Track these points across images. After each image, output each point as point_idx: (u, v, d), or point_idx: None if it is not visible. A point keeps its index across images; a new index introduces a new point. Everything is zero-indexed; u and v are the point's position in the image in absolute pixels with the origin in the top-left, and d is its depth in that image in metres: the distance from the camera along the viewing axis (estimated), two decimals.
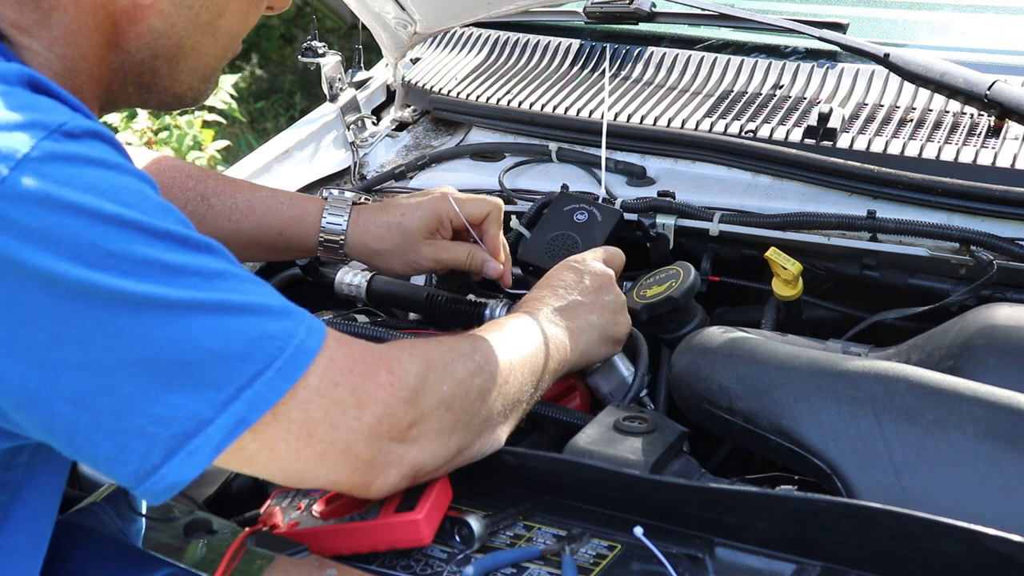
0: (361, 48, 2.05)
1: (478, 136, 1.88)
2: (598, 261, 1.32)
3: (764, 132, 1.65)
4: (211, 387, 0.86)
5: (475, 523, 1.03)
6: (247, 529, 1.02)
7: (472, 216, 1.42)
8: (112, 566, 1.04)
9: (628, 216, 1.55)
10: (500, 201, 1.45)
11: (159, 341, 0.84)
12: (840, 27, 1.72)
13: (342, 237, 1.42)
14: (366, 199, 1.51)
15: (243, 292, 0.89)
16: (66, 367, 0.82)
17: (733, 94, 1.76)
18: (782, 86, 1.76)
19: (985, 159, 1.51)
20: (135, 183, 0.87)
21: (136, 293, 0.83)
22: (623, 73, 1.88)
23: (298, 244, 1.44)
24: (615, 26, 1.96)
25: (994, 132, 1.56)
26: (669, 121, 1.72)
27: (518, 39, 2.02)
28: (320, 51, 1.95)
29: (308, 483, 0.97)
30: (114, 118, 3.94)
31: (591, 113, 1.78)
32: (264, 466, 0.92)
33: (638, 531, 1.01)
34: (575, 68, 1.92)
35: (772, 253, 1.37)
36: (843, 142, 1.60)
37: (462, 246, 1.43)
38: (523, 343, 1.15)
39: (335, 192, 1.47)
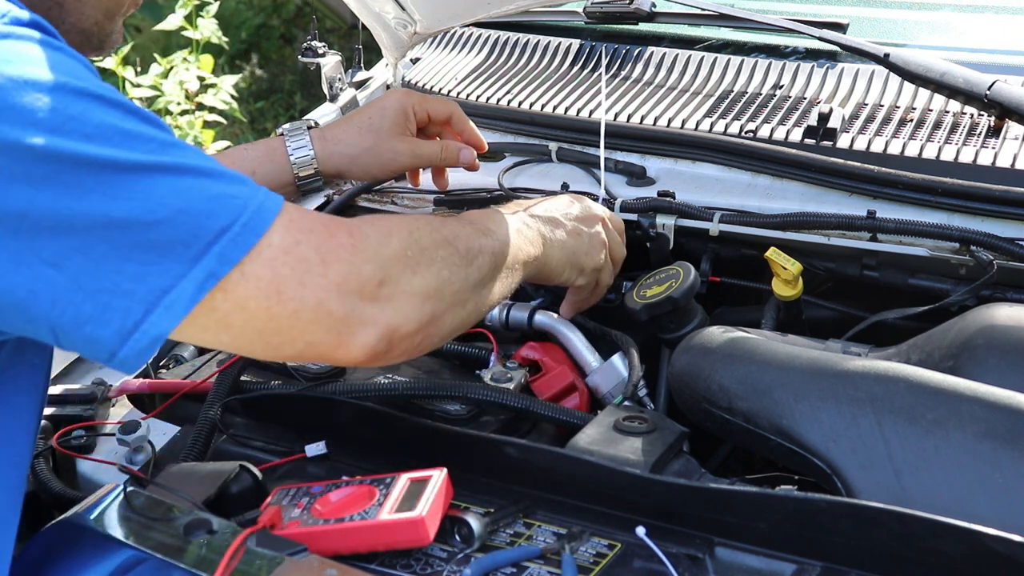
0: (361, 48, 2.04)
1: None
2: (598, 205, 1.38)
3: (764, 132, 1.65)
4: (180, 243, 0.90)
5: (475, 522, 1.03)
6: (247, 529, 1.02)
7: (437, 112, 1.51)
8: (112, 566, 1.04)
9: (628, 216, 1.55)
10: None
11: (125, 201, 0.89)
12: (840, 27, 1.72)
13: (312, 158, 1.49)
14: (315, 122, 1.60)
15: (199, 159, 0.94)
16: (41, 230, 0.87)
17: (733, 94, 1.76)
18: (782, 86, 1.76)
19: (985, 159, 1.51)
20: (82, 63, 0.93)
21: (99, 156, 0.88)
22: (623, 73, 1.88)
23: (274, 182, 1.50)
24: (615, 26, 1.96)
25: (994, 132, 1.56)
26: (669, 121, 1.72)
27: (518, 39, 2.02)
28: (320, 51, 1.95)
29: (286, 349, 1.00)
30: None
31: (591, 113, 1.78)
32: (240, 329, 0.96)
33: (640, 531, 1.01)
34: (575, 68, 1.92)
35: (772, 253, 1.37)
36: (843, 142, 1.60)
37: (434, 143, 1.51)
38: (492, 231, 1.18)
39: (287, 126, 1.56)
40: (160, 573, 1.01)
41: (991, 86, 1.49)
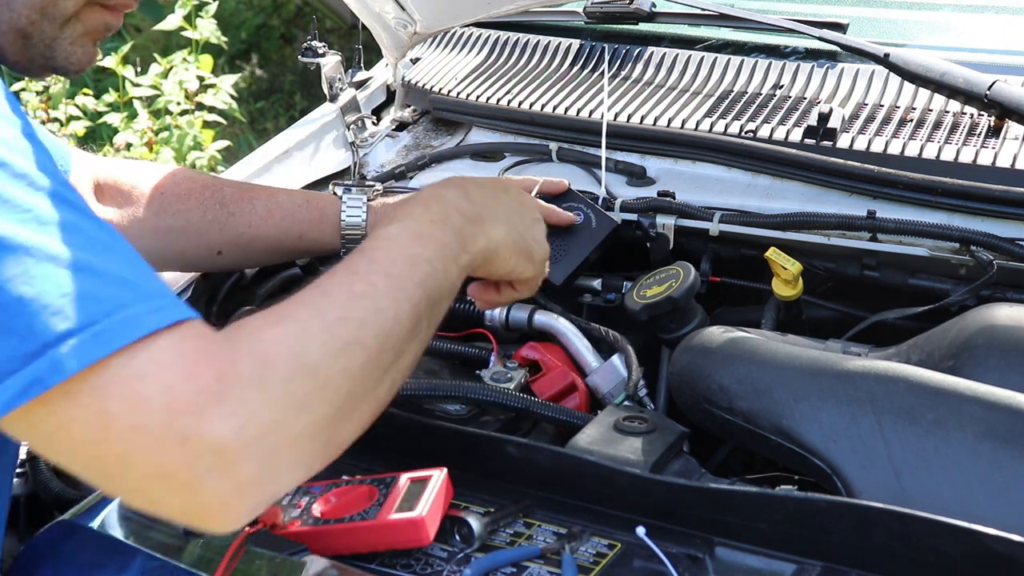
0: (361, 48, 2.04)
1: (478, 136, 1.88)
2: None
3: (764, 132, 1.65)
4: (15, 335, 0.78)
5: (475, 522, 1.03)
6: (247, 529, 1.02)
7: None
8: (112, 566, 1.04)
9: (628, 216, 1.55)
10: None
11: None
12: (840, 27, 1.72)
13: (363, 229, 1.42)
14: (377, 190, 1.54)
15: (83, 249, 0.82)
16: None
17: (733, 94, 1.76)
18: (782, 86, 1.76)
19: (985, 159, 1.51)
20: None
21: None
22: (623, 73, 1.88)
23: (319, 246, 1.45)
24: (615, 26, 1.96)
25: (994, 132, 1.56)
26: (669, 121, 1.72)
27: (518, 39, 2.02)
28: (320, 51, 1.95)
29: (129, 498, 0.86)
30: (114, 118, 3.94)
31: (591, 113, 1.78)
32: (70, 456, 0.82)
33: (640, 531, 1.01)
34: (575, 68, 1.92)
35: (772, 253, 1.37)
36: (843, 142, 1.60)
37: None
38: (417, 261, 1.00)
39: (352, 191, 1.47)
40: (160, 573, 1.01)
41: (991, 86, 1.49)
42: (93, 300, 0.80)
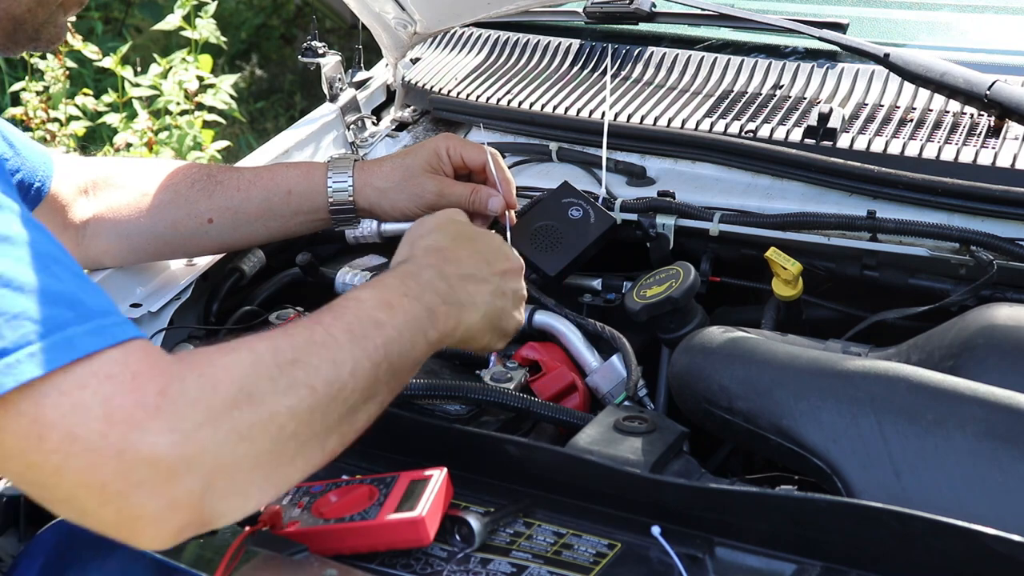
0: (361, 48, 2.04)
1: (478, 136, 1.88)
2: (514, 254, 1.23)
3: (764, 132, 1.65)
4: None
5: (475, 522, 1.03)
6: (247, 529, 1.02)
7: (472, 158, 1.45)
8: (111, 566, 1.04)
9: (628, 216, 1.55)
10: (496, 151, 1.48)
11: None
12: (840, 27, 1.72)
13: (350, 188, 1.45)
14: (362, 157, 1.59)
15: (18, 267, 0.81)
16: None
17: (733, 94, 1.76)
18: (782, 86, 1.76)
19: (985, 159, 1.51)
20: None
21: None
22: (623, 73, 1.88)
23: (308, 204, 1.47)
24: (615, 26, 1.96)
25: (994, 132, 1.56)
26: (669, 121, 1.72)
27: (518, 39, 2.02)
28: (320, 51, 1.95)
29: (57, 508, 0.84)
30: (114, 118, 3.94)
31: (591, 113, 1.78)
32: (2, 464, 0.82)
33: (655, 530, 1.01)
34: (575, 68, 1.92)
35: (772, 253, 1.37)
36: (843, 142, 1.60)
37: (465, 184, 1.46)
38: (383, 324, 0.99)
39: (336, 155, 1.53)
40: (160, 573, 1.01)
41: (991, 86, 1.49)
42: (30, 320, 0.79)
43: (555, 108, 1.81)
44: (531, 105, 1.84)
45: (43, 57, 3.81)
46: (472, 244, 1.17)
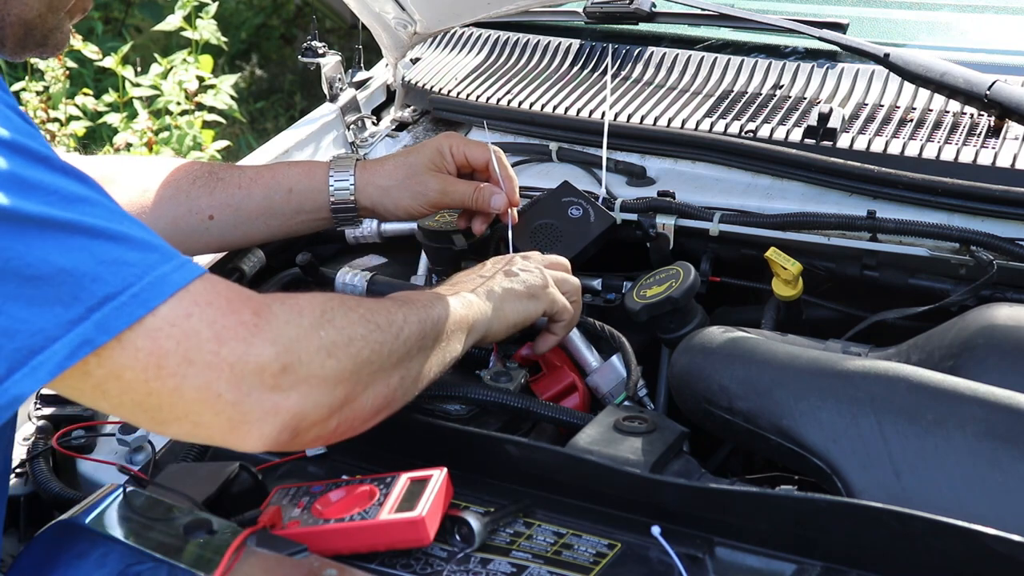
0: (361, 48, 2.04)
1: (479, 136, 1.88)
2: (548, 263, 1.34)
3: (764, 132, 1.65)
4: (59, 303, 0.85)
5: (475, 522, 1.03)
6: (247, 529, 1.02)
7: (475, 156, 1.46)
8: (111, 566, 1.04)
9: (628, 216, 1.55)
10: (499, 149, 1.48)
11: (5, 252, 0.84)
12: (840, 27, 1.72)
13: (351, 187, 1.45)
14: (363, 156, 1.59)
15: (106, 220, 0.89)
16: None
17: (733, 94, 1.76)
18: (782, 86, 1.76)
19: (985, 159, 1.51)
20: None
21: None
22: (623, 73, 1.88)
23: (309, 203, 1.47)
24: (615, 26, 1.96)
25: (994, 132, 1.56)
26: (669, 121, 1.72)
27: (518, 39, 2.02)
28: (320, 51, 1.95)
29: (172, 427, 0.94)
30: (114, 118, 3.94)
31: (591, 113, 1.78)
32: (117, 398, 0.91)
33: (655, 530, 1.01)
34: (575, 68, 1.92)
35: (772, 253, 1.37)
36: (843, 142, 1.60)
37: (468, 183, 1.46)
38: (416, 300, 1.13)
39: (338, 154, 1.52)
40: (160, 573, 1.01)
41: (991, 86, 1.49)
42: (126, 264, 0.88)
43: (555, 108, 1.81)
44: (531, 105, 1.84)
45: (43, 57, 3.81)
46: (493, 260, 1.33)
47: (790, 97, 1.73)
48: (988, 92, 1.49)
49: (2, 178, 0.85)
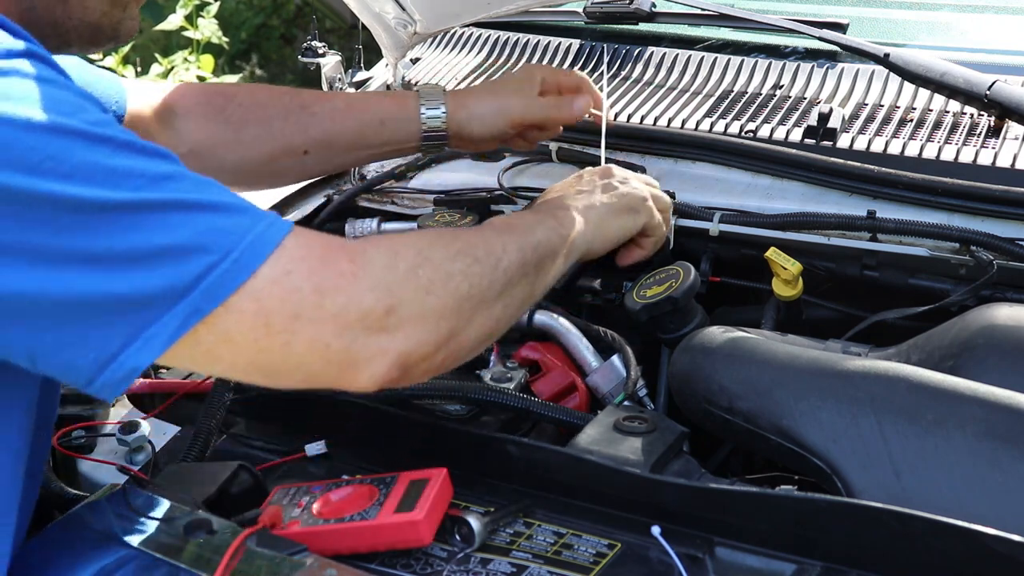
0: (361, 48, 2.04)
1: None
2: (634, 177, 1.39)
3: (764, 132, 1.65)
4: (165, 279, 0.89)
5: (475, 522, 1.03)
6: (247, 529, 1.02)
7: (567, 83, 1.53)
8: (111, 566, 1.04)
9: None
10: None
11: (106, 239, 0.87)
12: (840, 27, 1.72)
13: (443, 115, 1.48)
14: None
15: (194, 191, 0.92)
16: (20, 265, 0.86)
17: (733, 94, 1.76)
18: (782, 86, 1.76)
19: (985, 159, 1.51)
20: (72, 96, 0.91)
21: (78, 196, 0.86)
22: (623, 73, 1.88)
23: (401, 133, 1.50)
24: (615, 26, 1.96)
25: (994, 132, 1.56)
26: (669, 121, 1.72)
27: (518, 39, 2.02)
28: (320, 51, 1.95)
29: (284, 380, 0.98)
30: None
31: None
32: (230, 361, 0.94)
33: (655, 530, 1.01)
34: (575, 68, 1.92)
35: (772, 253, 1.37)
36: (843, 142, 1.60)
37: (548, 96, 1.52)
38: (515, 226, 1.15)
39: (422, 85, 1.57)
40: (160, 573, 1.01)
41: (991, 86, 1.49)
42: (223, 232, 0.91)
43: None
44: None
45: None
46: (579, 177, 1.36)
47: (790, 97, 1.73)
48: (988, 92, 1.49)
49: (91, 171, 0.88)
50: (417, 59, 2.08)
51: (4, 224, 0.86)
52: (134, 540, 1.05)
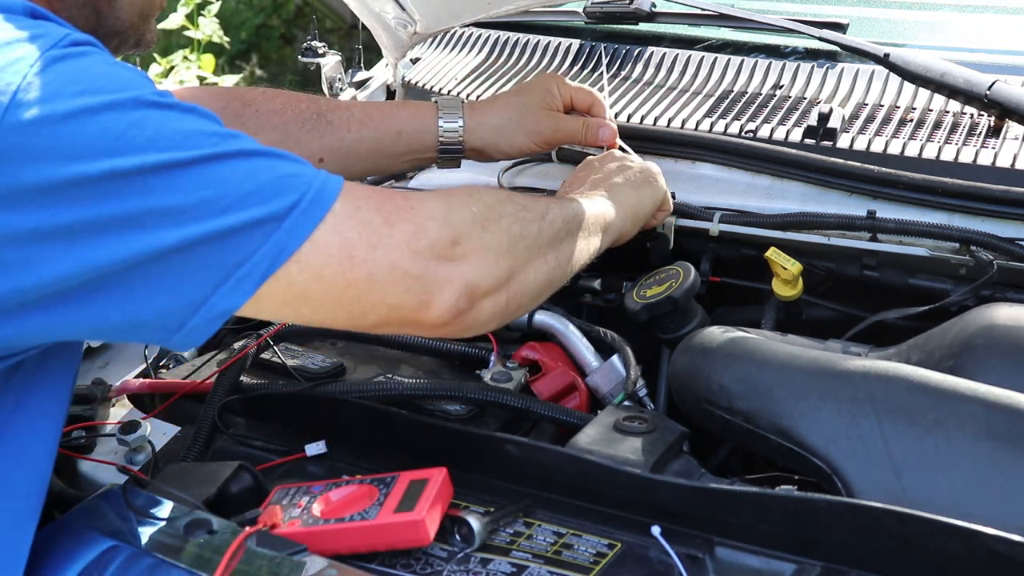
0: (361, 48, 2.04)
1: None
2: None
3: (764, 132, 1.65)
4: (251, 220, 0.94)
5: (475, 522, 1.03)
6: (247, 529, 1.02)
7: (579, 99, 1.56)
8: (111, 566, 1.04)
9: None
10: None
11: (192, 192, 0.92)
12: (840, 27, 1.72)
13: (460, 128, 1.51)
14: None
15: (258, 145, 0.98)
16: (123, 233, 0.91)
17: (733, 94, 1.76)
18: (782, 86, 1.76)
19: (985, 159, 1.51)
20: (138, 75, 0.97)
21: (160, 160, 0.91)
22: (623, 73, 1.88)
23: (417, 143, 1.52)
24: (615, 26, 1.96)
25: (994, 132, 1.56)
26: (669, 121, 1.72)
27: (518, 39, 2.02)
28: (320, 51, 1.95)
29: (369, 316, 1.02)
30: None
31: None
32: (319, 301, 0.99)
33: (656, 530, 1.01)
34: (575, 68, 1.92)
35: (772, 253, 1.37)
36: (843, 142, 1.60)
37: (577, 118, 1.55)
38: (553, 200, 1.23)
39: (441, 97, 1.60)
40: (160, 573, 1.01)
41: (991, 86, 1.49)
42: (295, 175, 0.97)
43: None
44: None
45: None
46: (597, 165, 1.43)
47: (790, 97, 1.73)
48: (988, 92, 1.49)
49: (168, 135, 0.92)
50: (417, 59, 2.08)
51: (88, 211, 0.90)
52: (134, 540, 1.05)
